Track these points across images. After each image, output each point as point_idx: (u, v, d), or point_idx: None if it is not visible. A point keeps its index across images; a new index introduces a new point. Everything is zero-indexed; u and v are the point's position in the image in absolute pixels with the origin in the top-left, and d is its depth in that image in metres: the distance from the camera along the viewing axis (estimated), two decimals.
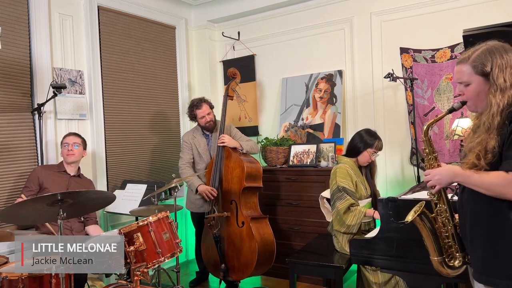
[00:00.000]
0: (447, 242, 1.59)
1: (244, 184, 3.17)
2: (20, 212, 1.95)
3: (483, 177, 1.40)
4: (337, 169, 2.73)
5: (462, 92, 1.52)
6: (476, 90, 1.47)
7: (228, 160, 3.31)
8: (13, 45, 3.06)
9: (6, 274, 1.92)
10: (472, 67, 1.46)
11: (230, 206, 3.22)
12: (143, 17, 4.12)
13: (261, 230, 3.17)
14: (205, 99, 3.53)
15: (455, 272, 1.60)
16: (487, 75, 1.43)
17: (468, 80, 1.48)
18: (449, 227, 1.58)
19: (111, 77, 3.79)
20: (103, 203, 2.30)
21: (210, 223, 3.18)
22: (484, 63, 1.44)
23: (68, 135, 3.07)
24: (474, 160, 1.42)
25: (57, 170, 2.98)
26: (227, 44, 4.65)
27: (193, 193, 3.52)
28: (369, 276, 2.49)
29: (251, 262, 3.08)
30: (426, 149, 1.61)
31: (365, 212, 2.60)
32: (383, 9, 3.70)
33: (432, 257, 1.61)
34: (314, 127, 4.00)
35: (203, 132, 3.58)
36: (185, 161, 3.51)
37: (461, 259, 1.57)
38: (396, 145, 3.68)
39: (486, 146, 1.40)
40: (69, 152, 2.96)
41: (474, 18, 3.20)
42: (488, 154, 1.40)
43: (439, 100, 3.48)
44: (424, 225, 1.59)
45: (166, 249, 2.30)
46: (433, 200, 1.61)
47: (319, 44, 4.08)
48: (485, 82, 1.45)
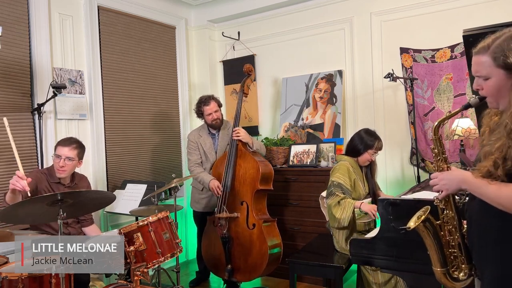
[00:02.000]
0: (453, 252, 1.43)
1: (258, 187, 3.13)
2: (20, 212, 1.95)
3: (501, 189, 1.20)
4: (337, 166, 2.74)
5: (481, 87, 1.30)
6: (497, 85, 1.25)
7: (241, 159, 3.24)
8: (13, 45, 3.06)
9: (6, 274, 1.92)
10: (492, 59, 1.25)
11: (240, 206, 3.18)
12: (143, 17, 4.12)
13: (271, 234, 3.15)
14: (214, 97, 3.49)
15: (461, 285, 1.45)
16: (510, 67, 1.22)
17: (488, 74, 1.27)
18: (456, 236, 1.41)
19: (111, 77, 3.79)
20: (103, 203, 2.30)
21: (220, 223, 3.16)
22: (506, 53, 1.22)
23: (63, 144, 2.65)
24: (491, 168, 1.23)
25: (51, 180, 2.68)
26: (227, 44, 4.65)
27: (199, 193, 3.51)
28: (369, 276, 2.49)
29: (261, 265, 3.06)
30: (435, 149, 1.43)
31: (354, 204, 2.56)
32: (383, 9, 3.70)
33: (435, 267, 1.46)
34: (314, 127, 4.00)
35: (209, 131, 3.55)
36: (193, 162, 3.46)
37: (467, 271, 1.41)
38: (396, 145, 3.68)
39: (507, 153, 1.20)
40: (60, 168, 2.61)
41: (474, 18, 3.20)
42: (507, 162, 1.20)
43: (439, 100, 3.48)
44: (428, 233, 1.43)
45: (166, 249, 2.31)
46: (440, 205, 1.44)
47: (319, 44, 4.08)
48: (507, 76, 1.24)
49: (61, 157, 2.60)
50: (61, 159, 2.60)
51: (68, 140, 2.68)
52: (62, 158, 2.60)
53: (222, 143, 3.51)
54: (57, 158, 2.62)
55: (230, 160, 3.24)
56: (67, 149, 2.62)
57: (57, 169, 2.63)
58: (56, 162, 2.63)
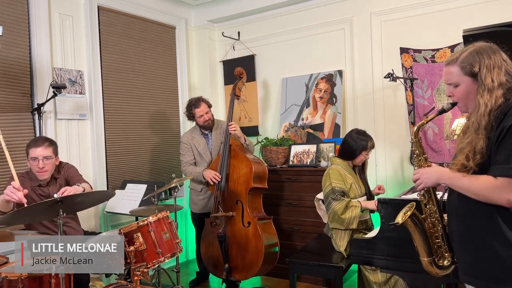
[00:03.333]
0: (437, 242, 1.61)
1: (252, 185, 3.15)
2: (20, 212, 1.95)
3: (471, 181, 1.40)
4: (330, 171, 2.75)
5: (452, 93, 1.53)
6: (465, 90, 1.48)
7: (234, 159, 3.28)
8: (13, 45, 3.06)
9: (6, 274, 1.92)
10: (460, 68, 1.47)
11: (236, 205, 3.20)
12: (143, 17, 4.12)
13: (266, 231, 3.16)
14: (203, 98, 3.52)
15: (444, 272, 1.61)
16: (475, 75, 1.44)
17: (457, 81, 1.49)
18: (439, 227, 1.60)
19: (111, 77, 3.79)
20: (102, 199, 2.29)
21: (216, 223, 3.17)
22: (472, 63, 1.44)
23: (35, 145, 2.48)
24: (464, 160, 1.42)
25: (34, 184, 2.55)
26: (227, 44, 4.65)
27: (196, 194, 3.51)
28: (369, 275, 2.50)
29: (257, 263, 3.07)
30: (416, 150, 1.64)
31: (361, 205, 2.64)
32: (383, 9, 3.70)
33: (421, 257, 1.62)
34: (314, 127, 4.00)
35: (201, 132, 3.57)
36: (186, 163, 3.48)
37: (450, 258, 1.59)
38: (396, 145, 3.68)
39: (475, 147, 1.39)
40: (41, 170, 2.48)
41: (474, 18, 3.20)
42: (477, 155, 1.39)
43: (439, 100, 3.48)
44: (415, 227, 1.60)
45: (166, 249, 2.31)
46: (423, 201, 1.63)
47: (319, 44, 4.08)
48: (473, 82, 1.45)
49: (38, 158, 2.47)
50: (39, 160, 2.47)
51: (38, 140, 2.54)
52: (39, 159, 2.47)
53: (216, 142, 3.52)
54: (33, 161, 2.48)
55: (223, 161, 3.28)
56: (41, 149, 2.48)
57: (38, 172, 2.49)
58: (34, 165, 2.48)
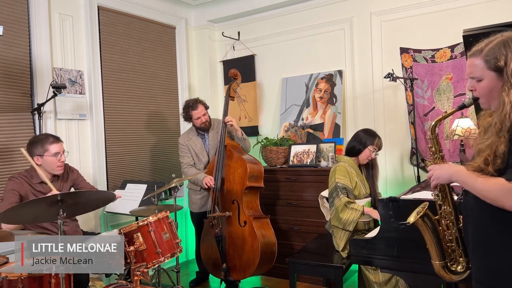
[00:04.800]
0: (450, 246, 1.50)
1: (247, 184, 3.17)
2: (20, 212, 1.95)
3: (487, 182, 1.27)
4: (337, 167, 2.75)
5: (474, 88, 1.38)
6: (489, 86, 1.33)
7: (230, 160, 3.30)
8: (13, 45, 3.06)
9: (6, 274, 1.92)
10: (484, 61, 1.32)
11: (232, 205, 3.21)
12: (143, 17, 4.12)
13: (263, 230, 3.18)
14: (200, 100, 3.53)
15: (458, 277, 1.50)
16: (500, 70, 1.29)
17: (480, 76, 1.34)
18: (453, 230, 1.48)
19: (111, 77, 3.79)
20: (103, 202, 2.29)
21: (212, 223, 3.18)
22: (497, 57, 1.29)
23: (56, 141, 2.62)
24: (482, 164, 1.29)
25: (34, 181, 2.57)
26: (227, 44, 4.65)
27: (195, 193, 3.52)
28: (370, 275, 2.49)
29: (253, 262, 3.08)
30: (432, 147, 1.50)
31: (363, 210, 2.61)
32: (383, 9, 3.70)
33: (433, 261, 1.52)
34: (314, 127, 4.00)
35: (198, 132, 3.57)
36: (185, 164, 3.50)
37: (464, 264, 1.47)
38: (396, 145, 3.68)
39: (496, 151, 1.25)
40: (61, 164, 2.62)
41: (474, 18, 3.20)
42: (497, 160, 1.26)
43: (439, 100, 3.48)
44: (426, 228, 1.50)
45: (166, 249, 2.31)
46: (437, 201, 1.51)
47: (319, 44, 4.08)
48: (498, 78, 1.30)
49: (60, 152, 2.61)
50: (61, 155, 2.61)
51: (55, 136, 2.68)
52: (61, 153, 2.61)
53: (213, 142, 3.53)
54: (55, 156, 2.58)
55: (219, 162, 3.29)
56: (61, 144, 2.65)
57: (58, 167, 2.61)
58: (55, 161, 2.59)
